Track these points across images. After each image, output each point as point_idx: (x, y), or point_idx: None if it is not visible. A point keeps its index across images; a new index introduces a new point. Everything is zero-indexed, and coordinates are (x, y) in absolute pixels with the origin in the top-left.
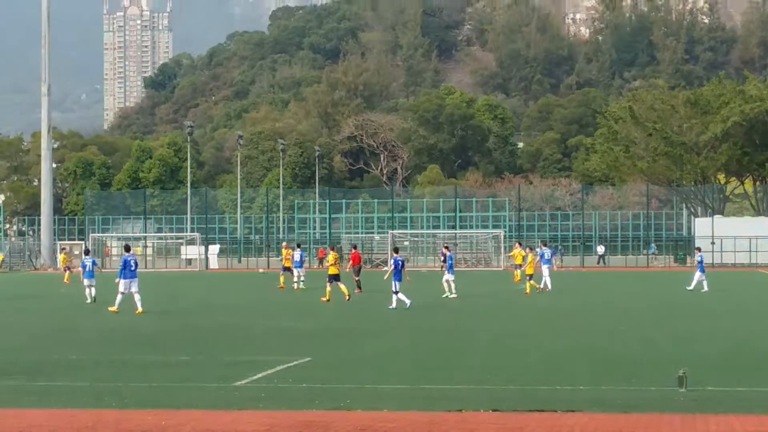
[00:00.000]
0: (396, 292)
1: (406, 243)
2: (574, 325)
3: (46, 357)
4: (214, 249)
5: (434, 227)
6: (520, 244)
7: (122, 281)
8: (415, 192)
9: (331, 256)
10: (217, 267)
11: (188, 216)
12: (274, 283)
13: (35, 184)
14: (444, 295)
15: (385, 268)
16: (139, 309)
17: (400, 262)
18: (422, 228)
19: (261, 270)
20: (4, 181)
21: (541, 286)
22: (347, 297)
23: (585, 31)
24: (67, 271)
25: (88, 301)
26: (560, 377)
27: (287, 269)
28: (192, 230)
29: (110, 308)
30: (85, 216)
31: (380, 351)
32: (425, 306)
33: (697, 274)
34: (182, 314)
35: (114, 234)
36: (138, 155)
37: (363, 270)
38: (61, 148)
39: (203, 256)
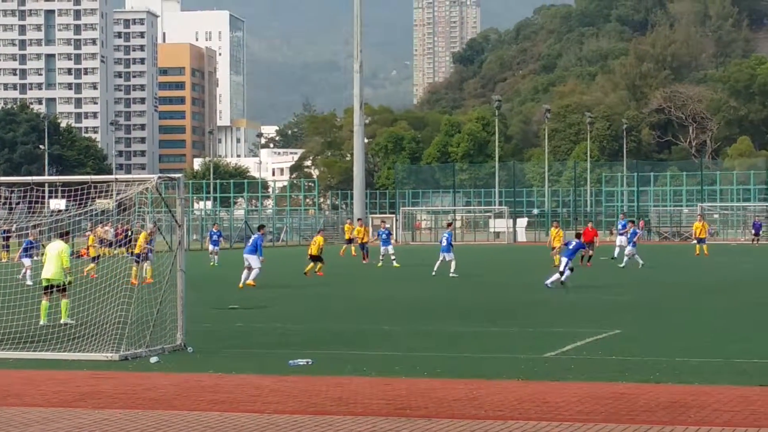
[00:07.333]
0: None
1: (716, 216)
2: None
3: (360, 327)
4: (522, 222)
5: (745, 200)
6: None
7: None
8: (724, 164)
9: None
10: (525, 240)
11: (496, 189)
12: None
13: (348, 158)
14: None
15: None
16: (250, 282)
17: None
18: (732, 201)
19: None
20: (319, 156)
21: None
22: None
23: None
24: None
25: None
26: None
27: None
28: (500, 203)
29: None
30: (396, 190)
31: (684, 324)
32: (732, 280)
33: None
34: (490, 286)
35: (424, 207)
36: (447, 129)
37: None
38: (372, 123)
39: (511, 229)
